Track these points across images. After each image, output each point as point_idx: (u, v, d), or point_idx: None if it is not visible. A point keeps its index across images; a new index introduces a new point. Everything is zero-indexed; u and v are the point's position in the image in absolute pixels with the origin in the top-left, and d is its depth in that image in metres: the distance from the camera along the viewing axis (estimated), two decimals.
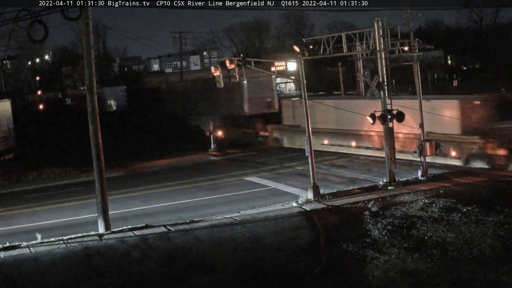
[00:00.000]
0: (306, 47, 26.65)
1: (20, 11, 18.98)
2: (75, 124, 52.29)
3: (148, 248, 19.07)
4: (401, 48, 27.34)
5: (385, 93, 25.46)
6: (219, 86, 26.31)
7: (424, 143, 26.70)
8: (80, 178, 33.63)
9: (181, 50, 78.13)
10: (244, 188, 28.24)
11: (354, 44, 27.57)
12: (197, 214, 23.56)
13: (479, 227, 18.73)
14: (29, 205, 27.71)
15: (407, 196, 23.38)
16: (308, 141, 24.83)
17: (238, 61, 25.12)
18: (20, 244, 20.29)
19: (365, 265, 16.47)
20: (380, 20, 25.32)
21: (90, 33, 21.36)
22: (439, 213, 20.66)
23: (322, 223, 20.76)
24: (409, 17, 28.12)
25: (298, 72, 25.66)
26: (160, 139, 46.20)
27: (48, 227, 23.25)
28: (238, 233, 20.10)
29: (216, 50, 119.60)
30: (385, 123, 25.47)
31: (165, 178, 32.18)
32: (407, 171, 28.24)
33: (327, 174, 29.84)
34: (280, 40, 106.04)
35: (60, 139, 50.78)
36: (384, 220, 20.25)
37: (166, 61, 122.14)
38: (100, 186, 21.62)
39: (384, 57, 25.60)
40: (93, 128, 21.49)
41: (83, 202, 27.24)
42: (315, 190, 24.46)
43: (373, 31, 25.51)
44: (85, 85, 21.67)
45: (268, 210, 23.36)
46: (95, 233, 21.23)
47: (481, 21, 77.13)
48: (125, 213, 24.72)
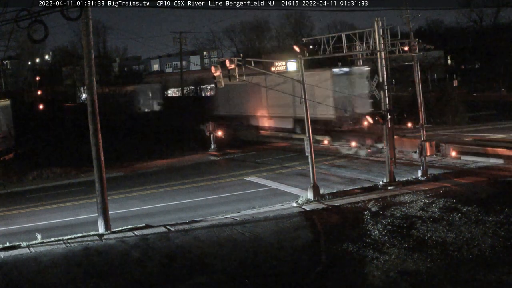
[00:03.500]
0: (306, 47, 26.66)
1: (20, 11, 18.96)
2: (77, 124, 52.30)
3: (148, 248, 19.07)
4: (401, 48, 27.35)
5: (385, 93, 25.47)
6: (219, 86, 26.34)
7: (424, 143, 26.71)
8: (80, 178, 33.63)
9: (181, 50, 78.10)
10: (244, 188, 28.24)
11: (354, 44, 27.56)
12: (197, 214, 23.56)
13: (479, 227, 18.73)
14: (29, 205, 27.71)
15: (407, 196, 23.38)
16: (308, 141, 24.83)
17: (238, 61, 25.14)
18: (20, 244, 20.28)
19: (365, 265, 16.46)
20: (380, 20, 25.33)
21: (90, 33, 21.36)
22: (439, 213, 20.66)
23: (322, 223, 20.77)
24: (409, 17, 28.09)
25: (298, 72, 25.67)
26: (160, 139, 46.19)
27: (48, 227, 23.25)
28: (238, 233, 20.10)
29: (216, 50, 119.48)
30: (385, 123, 25.48)
31: (165, 178, 32.18)
32: (407, 171, 28.26)
33: (327, 174, 29.84)
34: (280, 40, 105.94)
35: (60, 139, 50.77)
36: (384, 220, 20.25)
37: (166, 61, 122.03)
38: (100, 186, 21.62)
39: (384, 57, 25.61)
40: (93, 128, 21.49)
41: (83, 202, 27.25)
42: (315, 190, 24.47)
43: (373, 31, 25.51)
44: (85, 85, 21.65)
45: (268, 210, 23.36)
46: (95, 233, 21.23)
47: (481, 21, 77.17)
48: (125, 213, 24.73)
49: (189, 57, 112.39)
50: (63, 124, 59.81)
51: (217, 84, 26.05)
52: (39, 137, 52.31)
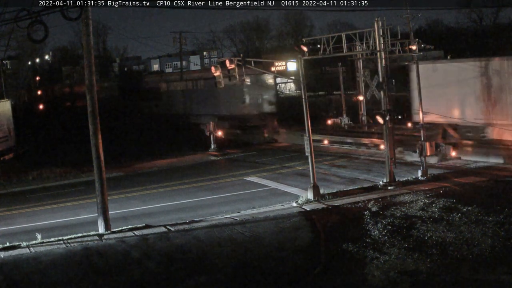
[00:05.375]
0: (306, 47, 26.66)
1: (20, 11, 18.99)
2: (76, 124, 52.32)
3: (148, 248, 19.07)
4: (401, 48, 27.37)
5: (385, 93, 25.47)
6: (220, 86, 26.34)
7: (424, 143, 26.70)
8: (80, 178, 33.61)
9: (181, 50, 78.16)
10: (244, 188, 28.23)
11: (354, 44, 27.60)
12: (197, 214, 23.56)
13: (479, 227, 18.72)
14: (29, 205, 27.70)
15: (407, 196, 23.38)
16: (308, 140, 24.83)
17: (238, 61, 25.15)
18: (20, 244, 20.28)
19: (365, 265, 16.46)
20: (380, 20, 25.33)
21: (90, 33, 21.35)
22: (439, 213, 20.65)
23: (322, 223, 20.76)
24: (409, 17, 28.19)
25: (298, 72, 25.68)
26: (161, 139, 46.20)
27: (48, 227, 23.24)
28: (238, 233, 20.10)
29: (216, 50, 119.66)
30: (385, 123, 25.48)
31: (165, 178, 32.18)
32: (407, 171, 28.25)
33: (327, 174, 29.84)
34: (280, 40, 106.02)
35: (60, 139, 50.79)
36: (384, 220, 20.24)
37: (166, 61, 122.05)
38: (100, 186, 21.61)
39: (384, 57, 25.61)
40: (93, 128, 21.48)
41: (83, 202, 27.24)
42: (315, 190, 24.46)
43: (373, 31, 25.51)
44: (85, 85, 21.64)
45: (268, 210, 23.35)
46: (95, 233, 21.22)
47: (481, 21, 77.17)
48: (125, 213, 24.72)
49: (189, 57, 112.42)
50: (64, 124, 59.86)
51: (217, 84, 26.07)
52: (39, 137, 52.36)
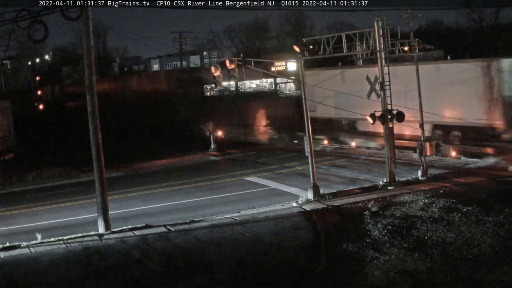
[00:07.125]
0: (306, 47, 26.63)
1: (20, 11, 19.00)
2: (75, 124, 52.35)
3: (148, 248, 19.06)
4: (401, 48, 27.34)
5: (385, 93, 25.46)
6: (219, 86, 26.35)
7: (424, 143, 26.70)
8: (80, 178, 33.64)
9: (181, 50, 78.10)
10: (244, 188, 28.23)
11: (354, 44, 27.55)
12: (197, 214, 23.56)
13: (479, 227, 18.73)
14: (29, 205, 27.71)
15: (407, 196, 23.37)
16: (308, 140, 24.83)
17: (238, 61, 25.14)
18: (20, 244, 20.28)
19: (365, 265, 16.47)
20: (380, 20, 25.31)
21: (90, 33, 21.35)
22: (439, 213, 20.65)
23: (322, 223, 20.77)
24: (409, 17, 28.09)
25: (298, 72, 25.68)
26: (160, 139, 46.22)
27: (48, 227, 23.25)
28: (238, 233, 20.10)
29: (216, 50, 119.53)
30: (385, 123, 25.47)
31: (165, 178, 32.19)
32: (407, 171, 28.24)
33: (327, 174, 29.84)
34: (280, 40, 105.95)
35: (60, 139, 50.79)
36: (384, 220, 20.25)
37: (166, 61, 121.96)
38: (100, 186, 21.61)
39: (384, 57, 25.59)
40: (93, 128, 21.48)
41: (83, 202, 27.24)
42: (315, 190, 24.46)
43: (373, 31, 25.49)
44: (85, 85, 21.64)
45: (268, 210, 23.36)
46: (95, 233, 21.22)
47: (481, 21, 77.05)
48: (125, 213, 24.72)
49: (189, 57, 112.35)
50: (64, 124, 59.88)
51: (217, 84, 26.07)
52: (39, 137, 52.36)
